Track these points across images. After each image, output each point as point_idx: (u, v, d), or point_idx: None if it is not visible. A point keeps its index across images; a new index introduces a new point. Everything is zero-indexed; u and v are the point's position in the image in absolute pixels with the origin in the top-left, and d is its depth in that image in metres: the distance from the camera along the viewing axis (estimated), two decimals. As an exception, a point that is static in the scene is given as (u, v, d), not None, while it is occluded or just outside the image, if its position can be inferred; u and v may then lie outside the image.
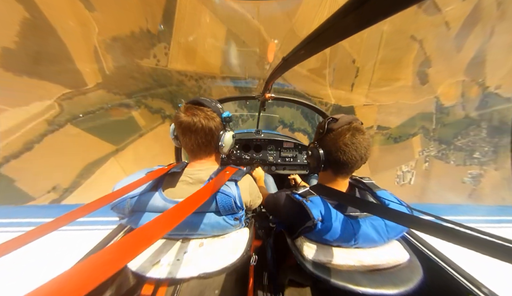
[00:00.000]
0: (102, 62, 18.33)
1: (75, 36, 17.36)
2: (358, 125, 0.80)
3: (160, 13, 19.17)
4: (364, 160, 0.81)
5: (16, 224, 2.30)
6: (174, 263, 0.69)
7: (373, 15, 0.39)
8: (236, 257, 0.72)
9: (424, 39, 21.54)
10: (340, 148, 0.78)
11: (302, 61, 0.82)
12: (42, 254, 1.83)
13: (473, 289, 0.73)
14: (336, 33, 0.50)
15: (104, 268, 0.36)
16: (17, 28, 16.82)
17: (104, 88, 18.67)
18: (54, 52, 17.35)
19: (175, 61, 20.38)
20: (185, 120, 0.79)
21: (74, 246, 1.93)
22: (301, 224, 0.78)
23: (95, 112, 18.43)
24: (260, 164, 2.31)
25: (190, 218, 0.75)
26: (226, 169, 0.84)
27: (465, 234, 0.45)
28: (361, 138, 0.77)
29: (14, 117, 16.31)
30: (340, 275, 0.69)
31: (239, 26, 21.03)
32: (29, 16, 16.72)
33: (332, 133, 0.82)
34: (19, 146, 16.50)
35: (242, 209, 0.79)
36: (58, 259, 1.81)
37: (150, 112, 20.75)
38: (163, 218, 0.51)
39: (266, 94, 1.72)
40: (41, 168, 17.10)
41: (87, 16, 17.35)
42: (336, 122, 0.83)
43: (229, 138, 0.91)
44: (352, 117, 0.83)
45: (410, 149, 22.63)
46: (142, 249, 0.42)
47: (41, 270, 1.71)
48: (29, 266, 1.74)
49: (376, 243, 0.77)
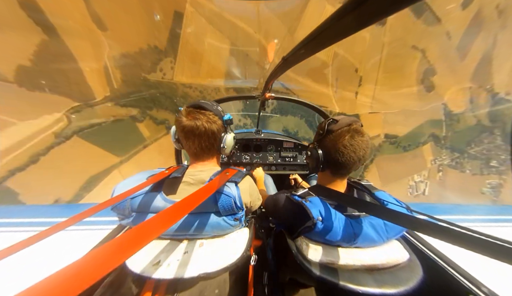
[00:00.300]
0: (111, 77, 19.05)
1: (87, 54, 18.23)
2: (357, 127, 0.80)
3: (166, 32, 20.01)
4: (363, 162, 0.81)
5: (16, 224, 2.32)
6: (174, 263, 0.68)
7: (372, 14, 0.39)
8: (236, 257, 0.71)
9: (426, 48, 21.70)
10: (339, 149, 0.79)
11: (302, 61, 0.84)
12: (41, 254, 1.82)
13: (472, 289, 0.73)
14: (336, 32, 0.51)
15: (101, 265, 0.36)
16: (34, 48, 17.81)
17: (112, 100, 19.29)
18: (66, 68, 18.18)
19: (180, 74, 21.04)
20: (187, 124, 0.80)
21: (73, 246, 1.92)
22: (301, 224, 0.78)
23: (101, 124, 18.97)
24: (260, 164, 2.30)
25: (191, 218, 0.75)
26: (226, 170, 0.85)
27: (460, 234, 0.47)
28: (360, 140, 0.77)
29: (22, 131, 16.85)
30: (340, 274, 0.69)
31: (241, 39, 21.68)
32: (47, 38, 17.69)
33: (331, 135, 0.83)
34: (25, 159, 16.92)
35: (242, 210, 0.79)
36: (58, 259, 1.80)
37: (155, 123, 21.23)
38: (161, 216, 0.51)
39: (266, 93, 1.73)
40: (45, 181, 17.40)
41: (99, 35, 18.30)
42: (336, 124, 0.83)
43: (231, 140, 0.93)
44: (352, 119, 0.83)
45: (421, 158, 22.21)
46: (140, 247, 0.41)
47: (41, 270, 1.70)
48: (28, 266, 1.73)
49: (375, 243, 0.76)
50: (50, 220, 2.35)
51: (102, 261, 0.36)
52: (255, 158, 2.33)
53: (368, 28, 2.48)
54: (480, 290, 0.71)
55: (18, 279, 1.62)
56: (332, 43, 0.58)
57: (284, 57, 0.86)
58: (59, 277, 0.33)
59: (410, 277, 0.69)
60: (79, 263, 0.35)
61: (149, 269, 0.66)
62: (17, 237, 2.30)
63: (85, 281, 0.32)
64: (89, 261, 0.36)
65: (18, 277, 1.64)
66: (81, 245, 1.94)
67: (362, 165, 0.84)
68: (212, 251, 0.73)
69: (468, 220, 2.62)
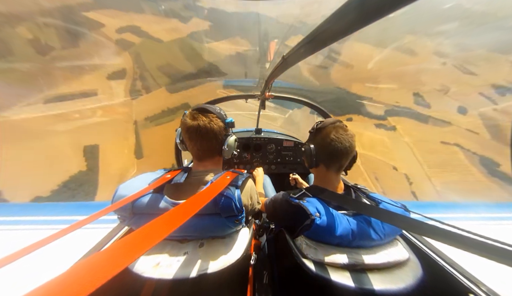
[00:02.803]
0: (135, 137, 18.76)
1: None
2: (340, 124, 0.93)
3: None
4: (350, 153, 0.90)
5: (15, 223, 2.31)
6: (174, 264, 0.68)
7: (371, 14, 0.39)
8: (236, 257, 0.71)
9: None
10: (327, 143, 0.89)
11: (302, 60, 0.83)
12: (41, 254, 1.82)
13: (472, 288, 0.73)
14: (336, 32, 0.51)
15: (105, 269, 0.35)
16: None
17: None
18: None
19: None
20: (191, 125, 0.85)
21: (73, 245, 1.92)
22: (300, 224, 0.79)
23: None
24: (260, 164, 2.30)
25: (191, 219, 0.74)
26: (227, 173, 0.86)
27: (452, 234, 0.48)
28: (344, 133, 0.89)
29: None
30: (339, 274, 0.69)
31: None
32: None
33: (320, 133, 0.94)
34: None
35: (242, 212, 0.79)
36: (57, 259, 1.79)
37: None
38: (165, 219, 0.50)
39: (266, 92, 1.74)
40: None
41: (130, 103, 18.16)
42: (322, 123, 0.96)
43: (232, 142, 0.96)
44: (336, 119, 0.96)
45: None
46: (145, 250, 0.41)
47: (40, 270, 1.69)
48: (28, 266, 1.73)
49: (374, 241, 0.77)
50: (55, 218, 2.34)
51: (108, 264, 0.36)
52: (255, 157, 2.32)
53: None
54: (480, 289, 0.71)
55: (15, 283, 1.62)
56: (332, 42, 0.58)
57: (284, 56, 0.86)
58: (61, 281, 0.32)
59: (410, 276, 0.69)
60: (82, 266, 0.35)
61: (149, 269, 0.66)
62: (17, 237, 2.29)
63: (89, 285, 0.32)
64: (94, 263, 0.36)
65: (15, 281, 1.63)
66: (81, 245, 1.94)
67: (350, 157, 0.93)
68: (212, 251, 0.73)
69: (466, 218, 2.62)
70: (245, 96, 2.08)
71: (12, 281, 1.62)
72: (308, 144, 0.98)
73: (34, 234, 2.20)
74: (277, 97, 1.93)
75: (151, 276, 0.65)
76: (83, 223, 0.57)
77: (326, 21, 0.48)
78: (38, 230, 2.27)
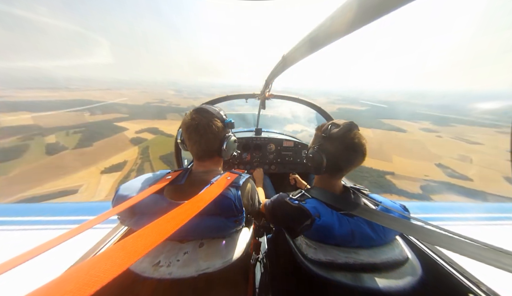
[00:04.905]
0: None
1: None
2: (358, 134, 0.84)
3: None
4: (358, 165, 0.86)
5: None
6: (174, 264, 0.68)
7: (371, 13, 0.39)
8: (236, 256, 0.71)
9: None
10: (342, 155, 0.84)
11: (302, 59, 0.83)
12: (41, 255, 1.81)
13: (472, 287, 0.73)
14: (335, 31, 0.51)
15: (107, 271, 0.35)
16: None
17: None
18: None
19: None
20: (191, 124, 0.86)
21: (72, 246, 1.91)
22: (300, 224, 0.79)
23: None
24: (260, 164, 2.30)
25: (191, 219, 0.74)
26: (227, 174, 0.86)
27: (449, 239, 0.50)
28: (361, 146, 0.82)
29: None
30: (339, 273, 0.69)
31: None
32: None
33: (334, 139, 0.85)
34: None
35: (242, 212, 0.79)
36: (57, 259, 1.79)
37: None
38: (167, 219, 0.50)
39: (266, 92, 1.73)
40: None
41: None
42: (338, 128, 0.85)
43: (232, 142, 0.96)
44: (352, 124, 0.85)
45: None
46: (146, 251, 0.41)
47: (39, 270, 1.69)
48: (27, 267, 1.72)
49: (374, 241, 0.77)
50: (57, 218, 2.33)
51: (109, 265, 0.36)
52: (255, 157, 2.32)
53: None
54: (480, 289, 0.71)
55: (13, 285, 1.61)
56: (332, 41, 0.58)
57: (284, 56, 0.86)
58: (60, 282, 0.32)
59: (409, 275, 0.69)
60: (83, 267, 0.35)
61: (149, 269, 0.66)
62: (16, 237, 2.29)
63: (89, 286, 0.32)
64: (95, 264, 0.35)
65: (13, 284, 1.62)
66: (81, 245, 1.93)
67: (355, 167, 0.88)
68: (212, 251, 0.73)
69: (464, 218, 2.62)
70: (245, 96, 2.08)
71: (11, 283, 1.61)
72: (318, 149, 0.90)
73: (34, 234, 2.20)
74: (277, 97, 1.93)
75: (151, 276, 0.64)
76: (89, 225, 0.59)
77: (325, 20, 0.48)
78: (38, 230, 2.26)
